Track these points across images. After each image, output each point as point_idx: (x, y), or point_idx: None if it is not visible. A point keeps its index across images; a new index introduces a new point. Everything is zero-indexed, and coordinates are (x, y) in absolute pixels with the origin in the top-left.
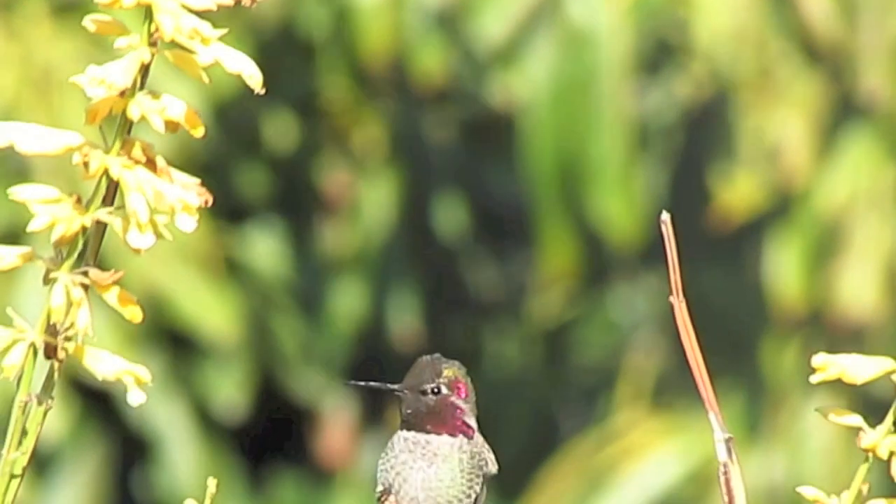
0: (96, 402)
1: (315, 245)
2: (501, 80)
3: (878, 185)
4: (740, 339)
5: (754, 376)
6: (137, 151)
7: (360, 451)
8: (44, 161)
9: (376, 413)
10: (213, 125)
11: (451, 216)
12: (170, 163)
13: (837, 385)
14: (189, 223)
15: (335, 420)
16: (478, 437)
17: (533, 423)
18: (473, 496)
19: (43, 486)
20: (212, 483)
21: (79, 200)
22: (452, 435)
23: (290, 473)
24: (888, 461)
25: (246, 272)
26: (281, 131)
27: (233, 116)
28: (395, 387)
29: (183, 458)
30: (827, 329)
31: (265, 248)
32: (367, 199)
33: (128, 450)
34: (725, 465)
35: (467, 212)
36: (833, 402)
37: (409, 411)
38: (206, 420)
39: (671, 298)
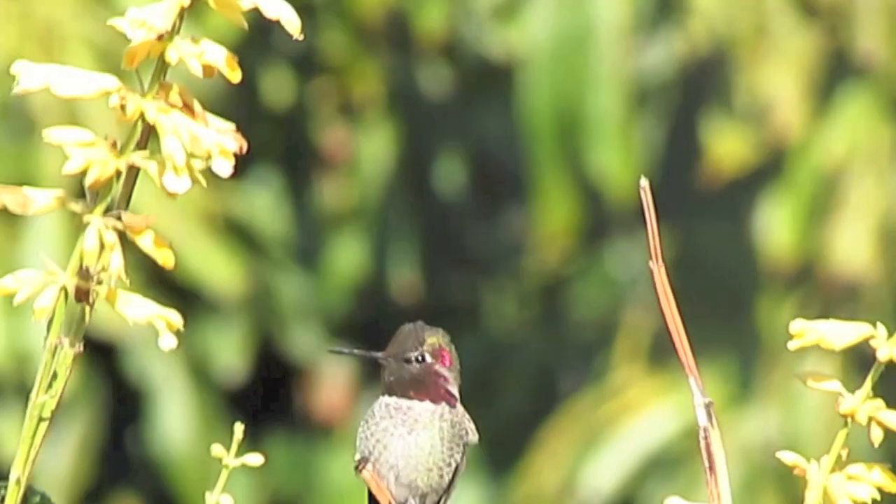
0: (94, 356)
1: (313, 200)
2: (501, 36)
3: (873, 144)
4: (735, 296)
5: (749, 334)
6: (174, 95)
7: (357, 408)
8: (51, 112)
9: (374, 371)
10: None
11: (449, 171)
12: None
13: None
14: (226, 167)
15: (332, 378)
16: (459, 407)
17: (531, 379)
18: (454, 464)
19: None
20: (238, 429)
21: (114, 144)
22: (434, 402)
23: (287, 431)
24: (868, 426)
25: (245, 228)
26: (280, 87)
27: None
28: (379, 355)
29: (179, 414)
30: (820, 287)
31: (264, 204)
32: (366, 155)
33: (124, 404)
34: (706, 430)
35: (466, 167)
36: (826, 360)
37: (392, 379)
38: (204, 376)
39: (651, 263)
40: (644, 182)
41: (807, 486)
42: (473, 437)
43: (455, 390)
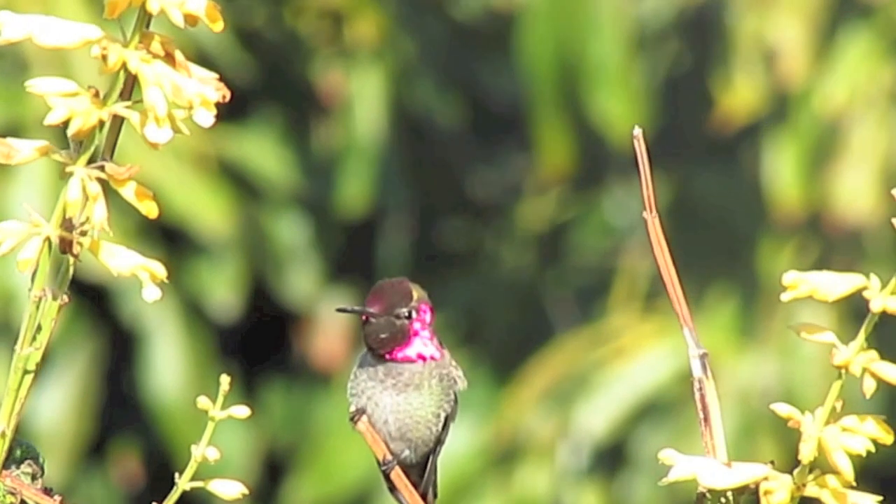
0: (88, 299)
1: (310, 142)
2: None
3: (875, 86)
4: (735, 243)
5: (748, 281)
6: (156, 45)
7: (354, 356)
8: (42, 58)
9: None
10: None
11: (446, 115)
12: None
13: None
14: (207, 118)
15: (329, 325)
16: (446, 356)
17: (527, 324)
18: (443, 415)
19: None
20: (224, 381)
21: (97, 94)
22: (423, 360)
23: (284, 378)
24: (861, 378)
25: (239, 170)
26: (275, 28)
27: (225, 14)
28: (373, 310)
29: (174, 356)
30: (824, 232)
31: (257, 146)
32: (360, 97)
33: (118, 347)
34: (700, 381)
35: (463, 111)
36: (824, 309)
37: (381, 336)
38: (198, 319)
39: (644, 214)
40: (637, 131)
41: (801, 437)
42: (462, 384)
43: (438, 342)
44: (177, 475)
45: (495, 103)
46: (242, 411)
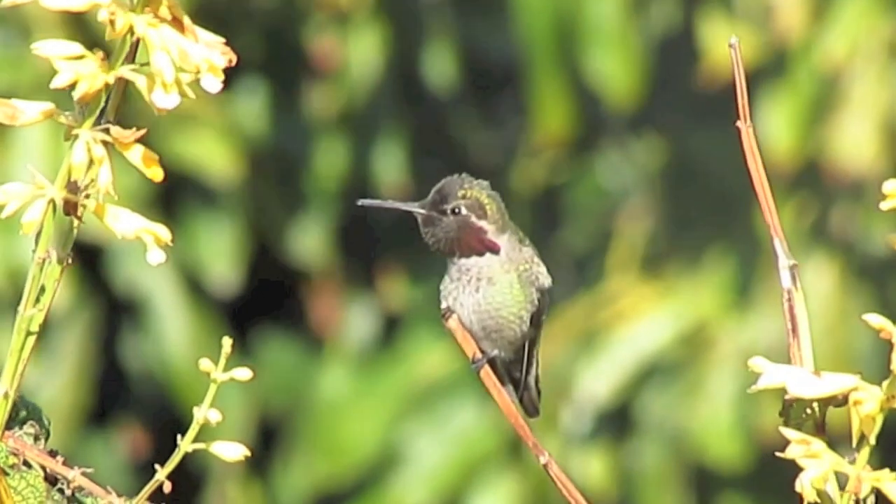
0: (85, 267)
1: (303, 107)
2: None
3: (873, 41)
4: (733, 201)
5: (748, 239)
6: (164, 10)
7: (349, 317)
8: (45, 23)
9: (366, 279)
10: None
11: (441, 75)
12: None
13: (832, 246)
14: (214, 83)
15: (325, 286)
16: (526, 252)
17: None
18: (527, 315)
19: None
20: (227, 343)
21: (104, 58)
22: (479, 254)
23: (280, 339)
24: None
25: (235, 134)
26: None
27: None
28: (415, 206)
29: (172, 322)
30: (823, 187)
31: (253, 110)
32: (355, 58)
33: (116, 314)
34: (789, 292)
35: (458, 72)
36: (829, 263)
37: (428, 232)
38: (196, 285)
39: (738, 123)
40: (734, 40)
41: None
42: (546, 280)
43: (500, 238)
44: (178, 437)
45: (491, 65)
46: (244, 373)
